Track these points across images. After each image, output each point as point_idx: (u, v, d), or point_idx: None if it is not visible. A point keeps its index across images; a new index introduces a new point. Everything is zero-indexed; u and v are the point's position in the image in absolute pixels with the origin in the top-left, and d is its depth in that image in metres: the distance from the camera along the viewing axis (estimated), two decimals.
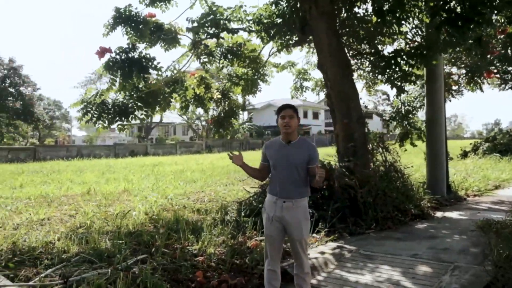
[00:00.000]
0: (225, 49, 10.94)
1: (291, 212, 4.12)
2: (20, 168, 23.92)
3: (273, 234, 4.22)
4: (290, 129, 4.14)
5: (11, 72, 50.59)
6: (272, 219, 4.19)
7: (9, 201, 10.81)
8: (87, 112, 8.70)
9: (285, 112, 4.16)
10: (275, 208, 4.17)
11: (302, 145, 4.19)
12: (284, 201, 4.13)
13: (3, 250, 5.61)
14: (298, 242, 4.18)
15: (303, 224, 4.17)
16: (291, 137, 4.19)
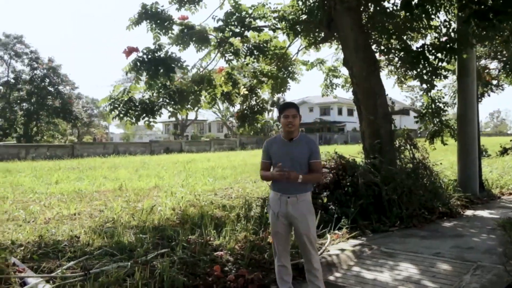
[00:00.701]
0: (251, 46, 11.00)
1: (295, 207, 4.18)
2: (58, 164, 24.66)
3: (280, 230, 4.30)
4: (293, 128, 4.19)
5: (50, 71, 52.21)
6: (277, 215, 4.26)
7: (43, 197, 11.19)
8: (114, 108, 8.92)
9: (289, 112, 4.20)
10: (279, 204, 4.23)
11: (303, 141, 4.25)
12: (288, 196, 4.19)
13: (30, 243, 5.84)
14: (306, 237, 4.22)
15: (308, 218, 4.23)
16: (293, 135, 4.25)
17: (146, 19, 9.41)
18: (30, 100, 51.76)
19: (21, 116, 52.55)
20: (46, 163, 27.07)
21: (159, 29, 9.49)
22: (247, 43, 10.89)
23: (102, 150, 39.63)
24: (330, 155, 8.70)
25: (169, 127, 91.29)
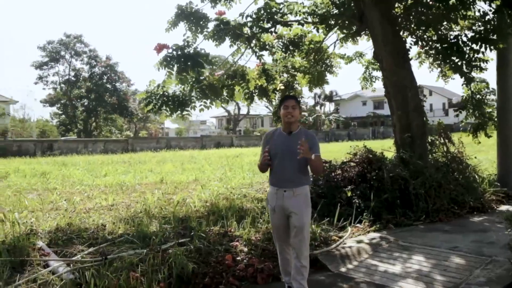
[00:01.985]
0: (286, 41, 11.09)
1: (292, 200, 4.23)
2: (110, 158, 25.72)
3: (277, 223, 4.39)
4: (292, 119, 4.25)
5: (108, 69, 54.33)
6: (274, 209, 4.33)
7: (88, 188, 11.82)
8: (149, 102, 9.30)
9: (288, 103, 4.28)
10: (276, 198, 4.31)
11: (302, 135, 4.26)
12: (284, 190, 4.25)
13: (58, 230, 6.27)
14: (299, 230, 4.23)
15: (303, 211, 4.27)
16: (292, 128, 4.31)
17: (183, 19, 9.69)
18: (89, 97, 54.12)
19: (81, 112, 55.04)
20: (101, 157, 28.29)
21: (195, 28, 9.75)
22: (282, 38, 11.01)
23: (155, 144, 40.82)
24: (359, 148, 8.69)
25: (222, 122, 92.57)
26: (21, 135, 46.91)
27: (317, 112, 72.30)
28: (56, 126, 58.01)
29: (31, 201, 9.46)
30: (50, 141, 37.21)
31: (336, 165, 8.48)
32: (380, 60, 9.10)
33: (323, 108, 77.83)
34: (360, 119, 72.05)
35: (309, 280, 5.03)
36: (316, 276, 5.27)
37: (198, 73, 8.92)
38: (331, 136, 55.86)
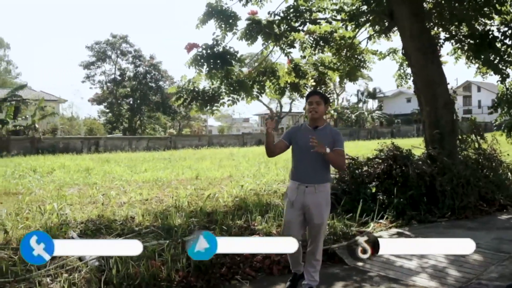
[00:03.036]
0: (317, 37, 11.16)
1: (313, 197, 4.26)
2: (152, 155, 26.40)
3: (293, 219, 4.37)
4: (316, 115, 4.31)
5: (151, 68, 55.62)
6: (292, 203, 4.35)
7: (126, 183, 12.29)
8: (180, 97, 9.62)
9: (312, 98, 4.34)
10: (297, 193, 4.32)
11: (327, 131, 4.35)
12: (306, 186, 4.27)
13: (89, 221, 6.64)
14: (318, 227, 4.33)
15: (323, 209, 4.32)
16: (318, 123, 4.36)
17: (213, 17, 9.95)
18: (134, 95, 55.54)
19: (126, 110, 56.58)
20: (143, 154, 29.06)
21: (224, 26, 9.99)
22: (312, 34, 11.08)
23: (197, 142, 41.47)
24: (387, 145, 8.69)
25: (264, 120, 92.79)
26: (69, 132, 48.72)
27: (359, 110, 71.39)
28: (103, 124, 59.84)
29: (71, 195, 9.98)
30: (96, 138, 38.49)
31: (362, 161, 8.52)
32: (408, 56, 9.07)
33: (366, 105, 76.81)
34: (404, 116, 70.57)
35: (324, 273, 5.19)
36: (332, 269, 5.39)
37: (227, 71, 9.16)
38: (374, 134, 55.10)
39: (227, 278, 5.00)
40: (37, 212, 7.16)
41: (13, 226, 6.18)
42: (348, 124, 63.02)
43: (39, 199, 9.37)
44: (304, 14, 9.78)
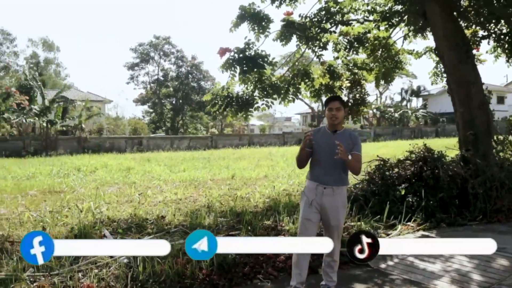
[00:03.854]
0: (351, 38, 11.13)
1: (330, 198, 4.34)
2: (192, 155, 26.88)
3: (311, 218, 4.41)
4: (337, 121, 4.36)
5: (193, 68, 56.54)
6: (311, 203, 4.40)
7: (163, 183, 12.64)
8: (215, 103, 9.82)
9: (332, 105, 4.38)
10: (315, 194, 4.39)
11: (346, 135, 4.40)
12: (324, 187, 4.34)
13: (121, 219, 6.93)
14: (335, 229, 4.39)
15: (340, 211, 4.38)
16: (337, 127, 4.41)
17: (246, 20, 10.10)
18: (176, 95, 56.60)
19: (168, 110, 57.72)
20: (184, 153, 29.62)
21: (257, 29, 10.12)
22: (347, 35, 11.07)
23: (237, 141, 41.84)
24: (418, 147, 8.60)
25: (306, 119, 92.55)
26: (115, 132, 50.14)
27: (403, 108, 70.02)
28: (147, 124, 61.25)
29: (110, 194, 10.38)
30: (139, 138, 39.49)
31: (393, 163, 8.47)
32: (441, 56, 8.95)
33: (410, 103, 75.20)
34: (450, 115, 68.53)
35: (345, 274, 5.27)
36: (354, 270, 5.43)
37: (259, 74, 9.29)
38: (418, 133, 53.97)
39: (249, 277, 5.14)
40: (75, 210, 7.52)
41: (52, 223, 6.53)
42: (391, 123, 61.88)
43: (79, 198, 9.80)
44: (336, 15, 9.78)
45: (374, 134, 52.95)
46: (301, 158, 4.54)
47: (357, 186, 8.34)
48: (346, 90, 12.39)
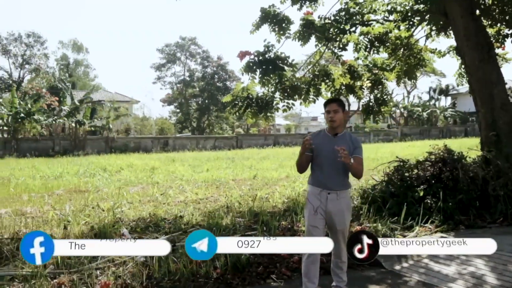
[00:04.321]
0: (372, 37, 11.07)
1: (335, 203, 4.31)
2: (217, 155, 27.11)
3: (318, 225, 4.37)
4: (335, 123, 4.32)
5: (219, 68, 56.95)
6: (316, 210, 4.36)
7: (186, 183, 12.81)
8: (235, 105, 9.92)
9: (330, 107, 4.35)
10: (319, 199, 4.35)
11: (347, 138, 4.38)
12: (328, 192, 4.32)
13: (140, 219, 7.09)
14: (341, 233, 4.39)
15: (346, 214, 4.38)
16: (337, 130, 4.38)
17: (266, 21, 10.16)
18: (202, 95, 57.09)
19: (194, 110, 58.27)
20: (209, 153, 29.91)
21: (278, 30, 10.18)
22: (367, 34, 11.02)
23: (263, 141, 41.94)
24: (438, 148, 8.52)
25: None
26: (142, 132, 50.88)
27: (431, 107, 68.94)
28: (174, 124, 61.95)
29: (133, 194, 10.59)
30: (165, 138, 39.99)
31: (412, 164, 8.41)
32: (462, 56, 8.83)
33: (438, 102, 73.99)
34: None
35: (359, 275, 5.31)
36: (368, 272, 5.45)
37: (279, 76, 9.34)
38: (446, 133, 53.19)
39: (262, 277, 5.21)
40: (97, 209, 7.73)
41: (74, 222, 6.73)
42: (419, 123, 61.01)
43: (103, 197, 10.04)
44: (355, 16, 9.75)
45: (401, 134, 52.36)
46: (301, 163, 4.49)
47: (375, 187, 8.31)
48: (367, 90, 12.33)
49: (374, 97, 12.22)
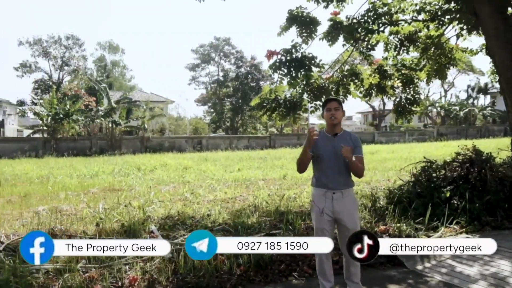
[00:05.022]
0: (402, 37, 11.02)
1: (341, 202, 4.31)
2: (249, 154, 27.32)
3: (326, 227, 4.38)
4: (336, 121, 4.32)
5: (252, 68, 57.29)
6: (322, 211, 4.35)
7: (215, 182, 13.05)
8: (263, 107, 10.06)
9: (331, 105, 4.35)
10: (325, 200, 4.34)
11: (347, 137, 4.39)
12: (333, 192, 4.31)
13: (168, 217, 7.33)
14: (352, 232, 4.25)
15: (354, 213, 4.40)
16: (337, 129, 4.39)
17: (294, 23, 10.26)
18: (236, 95, 57.59)
19: (228, 110, 58.81)
20: (241, 153, 30.16)
21: (305, 31, 10.25)
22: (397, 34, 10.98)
23: (295, 141, 41.94)
24: (467, 148, 8.45)
25: (367, 118, 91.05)
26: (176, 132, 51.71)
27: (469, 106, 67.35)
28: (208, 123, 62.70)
29: (164, 193, 10.89)
30: (199, 137, 40.57)
31: (439, 165, 8.36)
32: (492, 56, 8.72)
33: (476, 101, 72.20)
34: None
35: (381, 274, 5.38)
36: (390, 271, 5.51)
37: (307, 76, 9.43)
38: (484, 132, 51.92)
39: (284, 274, 5.35)
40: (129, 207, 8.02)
41: (106, 220, 7.02)
42: (457, 122, 59.71)
43: (135, 196, 10.37)
44: (383, 16, 9.73)
45: (437, 133, 51.43)
46: (302, 161, 4.44)
47: (402, 187, 8.32)
48: (398, 89, 12.27)
49: (405, 97, 12.16)
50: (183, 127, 56.01)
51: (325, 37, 10.32)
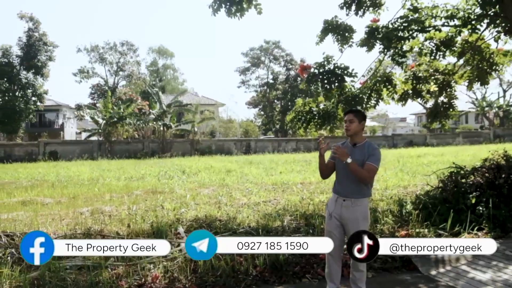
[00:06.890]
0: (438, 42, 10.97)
1: (349, 210, 4.48)
2: (294, 157, 27.54)
3: (333, 230, 4.58)
4: (349, 132, 4.57)
5: None
6: (331, 215, 4.60)
7: (253, 186, 13.39)
8: (298, 120, 10.32)
9: (347, 117, 4.62)
10: (335, 205, 4.59)
11: (365, 147, 4.57)
12: (344, 199, 4.52)
13: (195, 219, 7.73)
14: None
15: (360, 223, 4.47)
16: (356, 140, 4.61)
17: (330, 32, 10.44)
18: (285, 98, 57.88)
19: (278, 112, 59.17)
20: (287, 156, 30.35)
21: (341, 40, 10.42)
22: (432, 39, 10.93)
23: None
24: (498, 154, 8.37)
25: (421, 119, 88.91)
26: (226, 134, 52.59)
27: None
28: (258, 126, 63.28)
29: (202, 196, 11.34)
30: (247, 140, 41.14)
31: (467, 170, 8.33)
32: None
33: None
34: None
35: (393, 278, 5.56)
36: (403, 275, 5.67)
37: (340, 87, 9.61)
38: None
39: (298, 276, 5.62)
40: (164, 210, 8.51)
41: (140, 221, 7.51)
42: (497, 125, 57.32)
43: (173, 198, 10.87)
44: (414, 24, 9.74)
45: (493, 135, 49.63)
46: (320, 168, 4.85)
47: (429, 193, 8.35)
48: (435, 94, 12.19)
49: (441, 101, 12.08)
50: (234, 130, 56.85)
51: (362, 45, 10.44)
